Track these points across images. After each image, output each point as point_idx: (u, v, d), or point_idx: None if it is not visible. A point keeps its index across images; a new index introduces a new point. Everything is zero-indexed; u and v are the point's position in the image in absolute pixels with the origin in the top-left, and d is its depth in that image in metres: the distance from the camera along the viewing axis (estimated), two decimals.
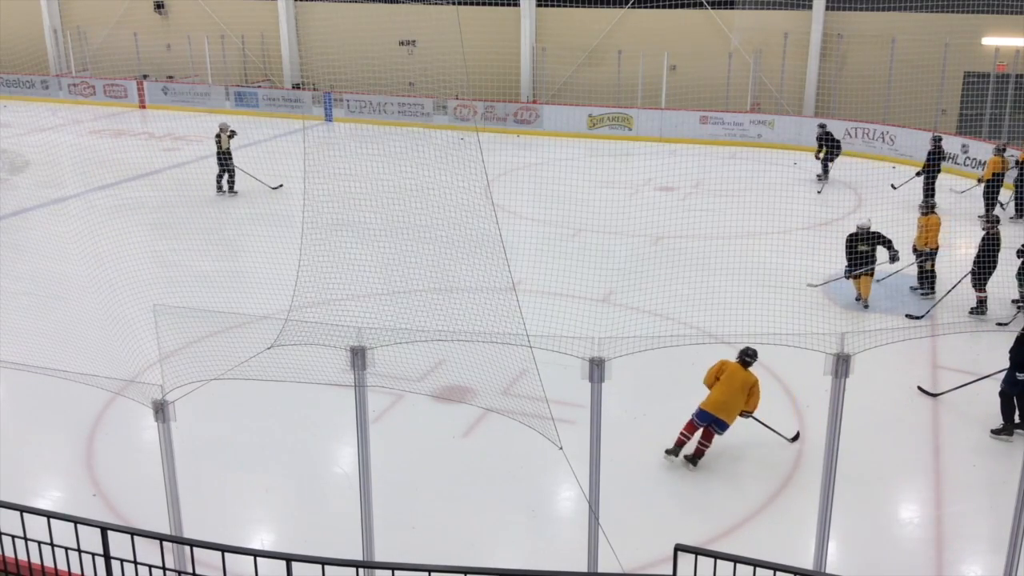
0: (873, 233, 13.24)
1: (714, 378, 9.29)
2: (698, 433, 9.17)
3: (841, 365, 6.07)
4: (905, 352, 10.82)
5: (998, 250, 12.78)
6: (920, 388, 10.75)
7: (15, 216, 18.10)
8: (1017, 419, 9.71)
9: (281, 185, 19.79)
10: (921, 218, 13.85)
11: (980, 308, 12.92)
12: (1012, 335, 11.90)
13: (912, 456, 9.56)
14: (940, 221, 13.80)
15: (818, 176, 20.99)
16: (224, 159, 19.71)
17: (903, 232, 14.61)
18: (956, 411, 10.37)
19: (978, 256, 12.86)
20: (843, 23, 25.39)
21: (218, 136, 19.65)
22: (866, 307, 13.20)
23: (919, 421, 10.20)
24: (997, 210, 17.85)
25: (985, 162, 19.13)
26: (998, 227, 12.96)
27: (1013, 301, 12.98)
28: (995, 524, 7.91)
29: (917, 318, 12.77)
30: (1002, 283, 12.84)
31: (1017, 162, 17.99)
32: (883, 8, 24.54)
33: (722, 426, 9.11)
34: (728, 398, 9.10)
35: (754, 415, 9.37)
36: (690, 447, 9.21)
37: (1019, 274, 12.74)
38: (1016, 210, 17.82)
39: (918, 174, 18.95)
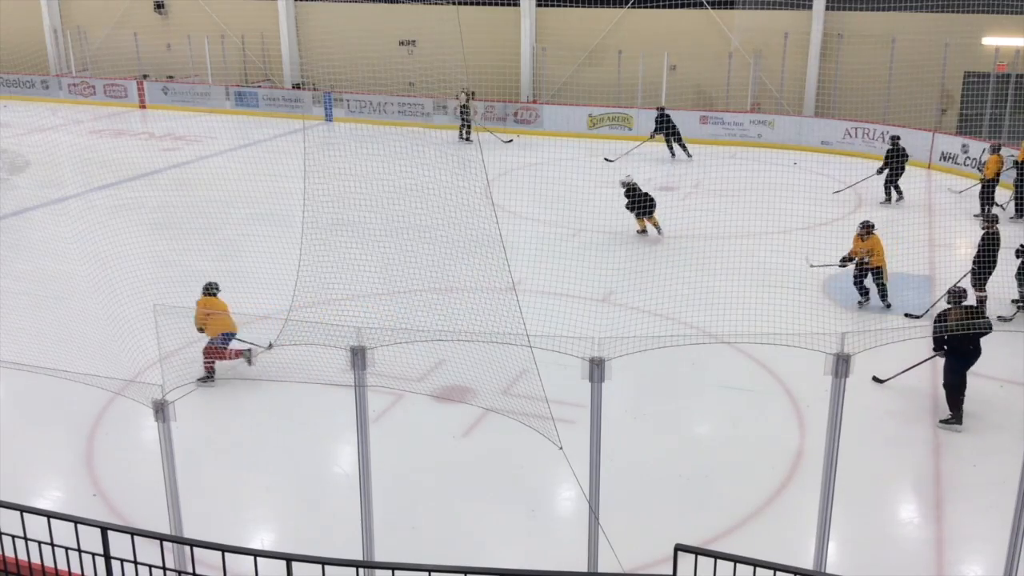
0: (634, 184, 16.12)
1: None
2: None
3: (841, 365, 6.07)
4: (905, 352, 10.81)
5: (997, 249, 12.77)
6: (875, 377, 10.84)
7: (15, 216, 18.09)
8: None
9: (512, 140, 23.90)
10: (861, 239, 13.08)
11: (980, 308, 12.90)
12: (1013, 334, 11.92)
13: (912, 456, 9.56)
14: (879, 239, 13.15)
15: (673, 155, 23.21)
16: (464, 114, 24.95)
17: (905, 231, 14.63)
18: None
19: (977, 255, 12.86)
20: (843, 23, 25.38)
21: (458, 96, 25.32)
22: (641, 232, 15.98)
23: (919, 421, 10.20)
24: (996, 210, 17.88)
25: (984, 161, 19.14)
26: (997, 226, 12.96)
27: (1013, 301, 12.97)
28: (995, 524, 7.91)
29: (917, 317, 12.76)
30: (1002, 283, 12.83)
31: (1016, 162, 17.98)
32: (883, 8, 24.52)
33: None
34: None
35: None
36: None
37: (1019, 274, 12.73)
38: (1016, 210, 17.82)
39: (879, 171, 19.08)
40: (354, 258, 11.39)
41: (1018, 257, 12.66)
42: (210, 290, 11.29)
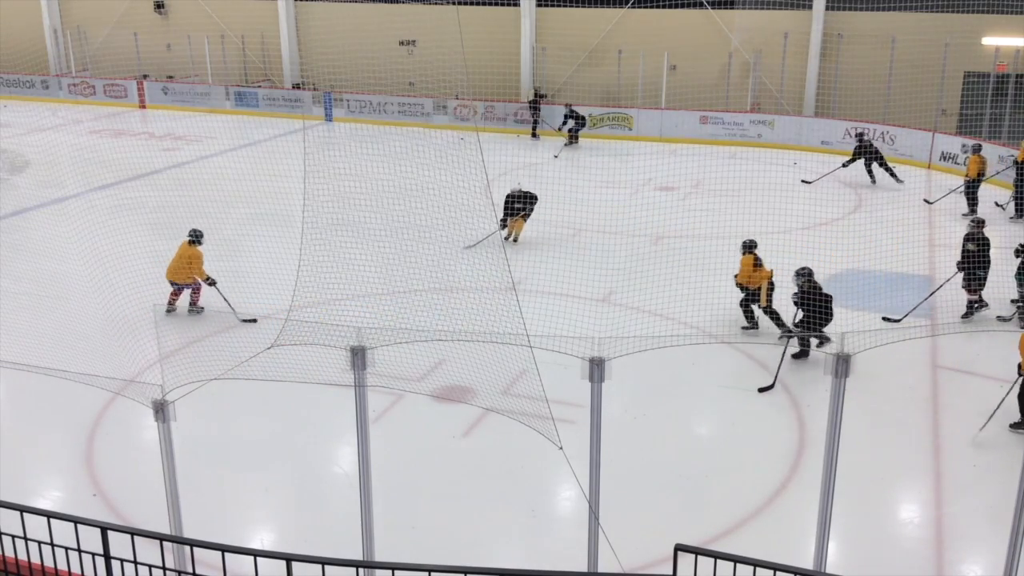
0: (526, 192, 16.12)
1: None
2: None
3: (841, 365, 6.06)
4: (905, 352, 10.81)
5: (987, 250, 12.73)
6: (760, 388, 10.82)
7: (15, 216, 18.09)
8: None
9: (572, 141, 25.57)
10: (743, 257, 12.54)
11: (977, 308, 12.85)
12: (1013, 334, 11.92)
13: (912, 456, 9.56)
14: (752, 260, 12.42)
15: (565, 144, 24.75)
16: (533, 111, 26.45)
17: (900, 231, 14.58)
18: (956, 411, 10.37)
19: (964, 258, 12.79)
20: (843, 23, 25.38)
21: (528, 95, 27.39)
22: (515, 241, 16.20)
23: (919, 421, 10.21)
24: (995, 210, 17.89)
25: (967, 160, 19.19)
26: (982, 229, 12.91)
27: (1012, 301, 12.95)
28: (995, 524, 7.91)
29: (895, 321, 12.64)
30: (1001, 283, 12.81)
31: (1016, 162, 17.99)
32: (883, 8, 24.53)
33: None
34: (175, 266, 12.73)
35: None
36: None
37: (1018, 274, 12.72)
38: (1016, 210, 17.83)
39: (844, 165, 20.36)
40: (354, 258, 11.39)
41: (1017, 256, 12.64)
42: (192, 237, 12.90)
